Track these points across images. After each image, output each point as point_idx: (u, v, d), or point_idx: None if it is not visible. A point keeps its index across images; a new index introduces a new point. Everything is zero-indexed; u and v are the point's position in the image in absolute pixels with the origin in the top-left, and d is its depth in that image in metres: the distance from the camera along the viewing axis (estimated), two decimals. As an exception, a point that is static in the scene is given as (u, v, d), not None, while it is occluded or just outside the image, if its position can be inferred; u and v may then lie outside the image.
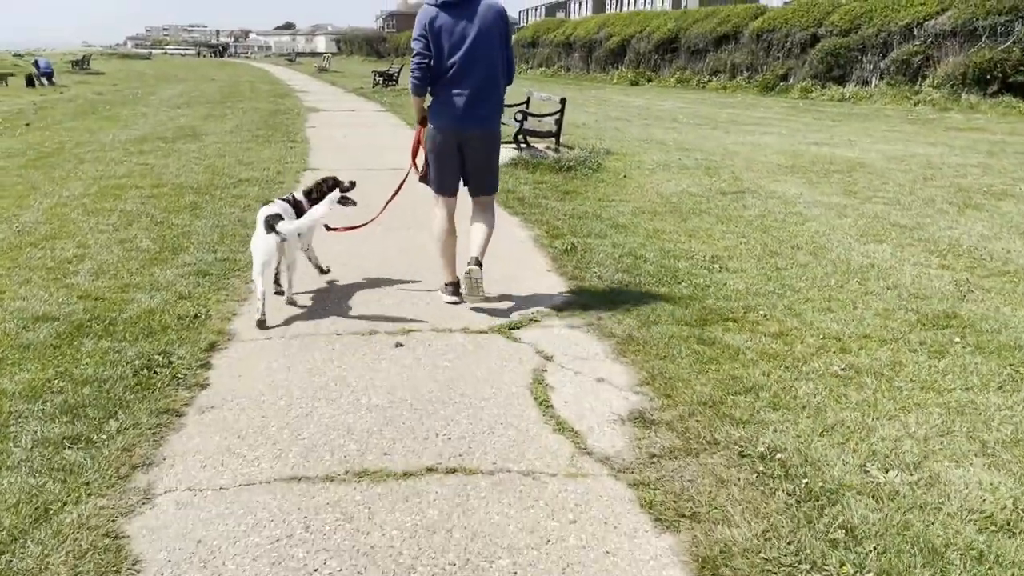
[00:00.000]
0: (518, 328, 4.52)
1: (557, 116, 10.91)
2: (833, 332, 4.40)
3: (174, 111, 18.02)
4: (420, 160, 4.96)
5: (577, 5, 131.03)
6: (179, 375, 3.68)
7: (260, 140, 12.46)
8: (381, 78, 27.54)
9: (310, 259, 5.23)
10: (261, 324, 4.36)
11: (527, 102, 12.77)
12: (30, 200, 7.54)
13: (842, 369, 3.90)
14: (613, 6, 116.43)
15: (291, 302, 4.80)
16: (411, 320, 4.61)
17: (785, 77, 27.03)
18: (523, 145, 11.14)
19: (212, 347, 4.06)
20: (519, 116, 10.80)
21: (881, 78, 23.45)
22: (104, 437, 3.07)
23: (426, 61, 4.52)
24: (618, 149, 11.97)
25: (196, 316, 4.44)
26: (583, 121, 16.56)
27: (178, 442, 3.12)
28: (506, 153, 11.67)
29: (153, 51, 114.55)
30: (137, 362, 3.75)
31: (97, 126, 14.45)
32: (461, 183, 4.94)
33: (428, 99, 4.81)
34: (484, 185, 4.90)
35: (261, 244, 4.39)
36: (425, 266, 5.74)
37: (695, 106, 22.81)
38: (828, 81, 25.01)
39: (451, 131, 4.68)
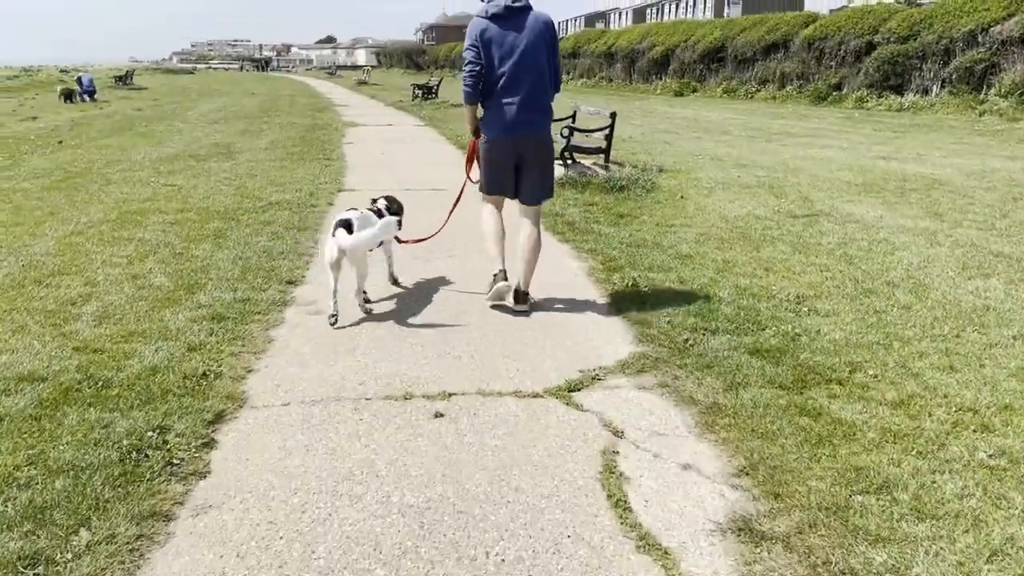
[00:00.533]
0: (578, 389, 3.81)
1: (607, 131, 10.19)
2: (966, 401, 3.61)
3: (210, 127, 17.68)
4: (475, 172, 5.15)
5: (617, 16, 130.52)
6: (174, 460, 3.03)
7: (295, 158, 11.94)
8: (420, 91, 27.09)
9: (389, 266, 5.52)
10: (333, 322, 4.65)
11: (573, 116, 12.08)
12: (45, 227, 7.04)
13: (990, 456, 3.12)
14: (653, 16, 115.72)
15: (367, 311, 4.89)
16: (453, 377, 3.93)
17: (838, 86, 25.97)
18: (570, 162, 10.44)
19: (219, 417, 3.42)
20: (566, 132, 10.11)
21: (943, 87, 22.31)
22: (69, 556, 2.43)
23: (478, 69, 4.65)
24: (671, 165, 11.21)
25: (204, 375, 3.81)
26: (629, 134, 15.81)
27: (161, 563, 2.46)
28: (557, 173, 11.02)
29: (198, 66, 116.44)
30: (126, 442, 3.11)
31: (131, 143, 14.09)
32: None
33: (480, 111, 4.91)
34: (537, 194, 5.01)
35: (326, 248, 4.75)
36: (469, 302, 5.06)
37: (745, 117, 21.91)
38: (885, 90, 23.91)
39: (504, 139, 4.80)
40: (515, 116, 4.70)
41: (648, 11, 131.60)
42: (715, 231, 7.21)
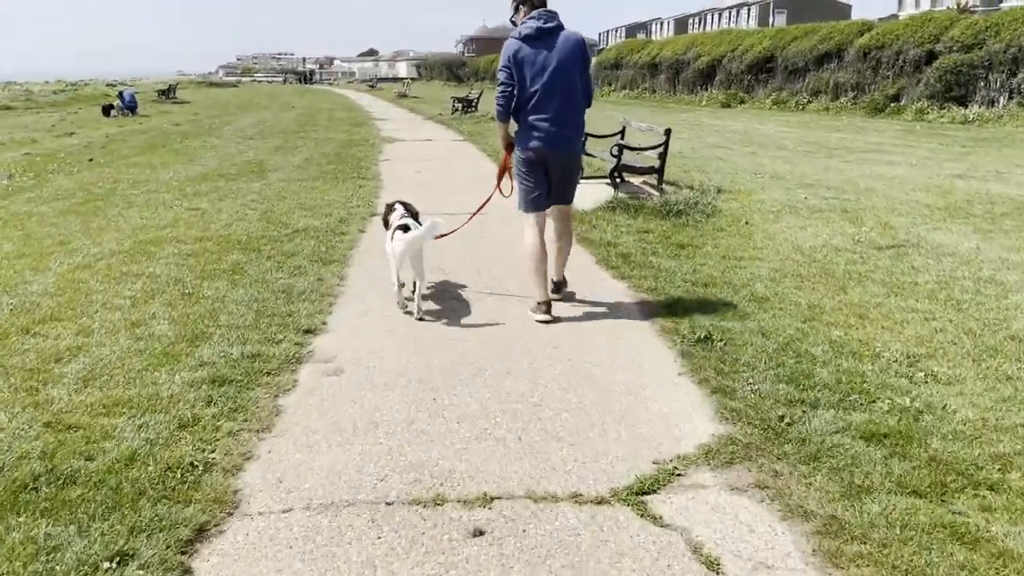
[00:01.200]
0: (654, 491, 3.03)
1: (660, 149, 9.40)
2: None
3: (245, 143, 17.24)
4: (505, 185, 5.44)
5: (658, 26, 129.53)
6: (130, 609, 2.30)
7: (328, 177, 11.33)
8: (460, 104, 26.51)
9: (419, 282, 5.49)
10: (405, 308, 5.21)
11: (622, 132, 11.30)
12: (51, 260, 6.45)
13: None
14: (696, 26, 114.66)
15: (420, 318, 5.11)
16: (496, 470, 3.17)
17: (896, 97, 24.80)
18: (619, 181, 9.66)
19: (200, 533, 2.70)
20: (615, 150, 9.33)
21: (1011, 98, 21.08)
22: None
23: (509, 89, 4.86)
24: (729, 185, 10.36)
25: (192, 467, 3.09)
26: (678, 149, 14.96)
27: None
28: (601, 192, 10.21)
29: (242, 79, 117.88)
30: (72, 578, 2.40)
31: (161, 161, 13.64)
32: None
33: (514, 126, 5.10)
34: (566, 196, 5.25)
35: (389, 247, 5.21)
36: (512, 350, 4.30)
37: (799, 130, 20.90)
38: (947, 102, 22.71)
39: (537, 154, 4.96)
40: (547, 133, 4.88)
41: (690, 21, 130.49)
42: (791, 266, 6.36)
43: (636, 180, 10.35)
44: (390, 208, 5.64)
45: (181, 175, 11.70)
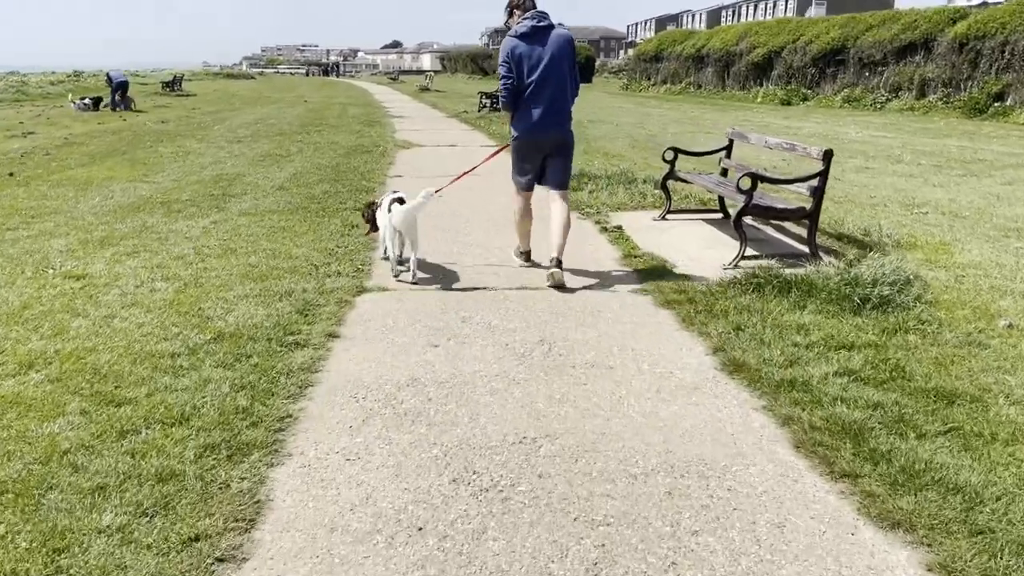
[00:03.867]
0: None
1: (815, 182, 5.97)
2: None
3: (229, 148, 14.01)
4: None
5: (690, 17, 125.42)
6: None
7: (310, 210, 8.02)
8: (488, 100, 23.14)
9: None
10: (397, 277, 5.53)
11: (729, 149, 7.90)
12: None
13: None
14: (730, 18, 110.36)
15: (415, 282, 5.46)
16: None
17: (1000, 96, 21.10)
18: (747, 226, 6.26)
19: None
20: (747, 182, 5.91)
21: None
22: None
23: (511, 82, 5.45)
24: (896, 231, 6.95)
25: None
26: (768, 161, 11.53)
27: None
28: (707, 239, 6.83)
29: (266, 70, 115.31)
30: None
31: (105, 176, 10.43)
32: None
33: None
34: (561, 180, 5.68)
35: (386, 219, 5.58)
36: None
37: (894, 135, 17.36)
38: (1071, 101, 19.02)
39: (531, 137, 5.57)
40: (541, 119, 5.45)
41: (723, 12, 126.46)
42: None
43: (761, 224, 7.00)
44: (370, 204, 6.24)
45: (111, 202, 8.47)
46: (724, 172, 7.88)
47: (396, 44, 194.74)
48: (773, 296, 4.98)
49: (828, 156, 5.85)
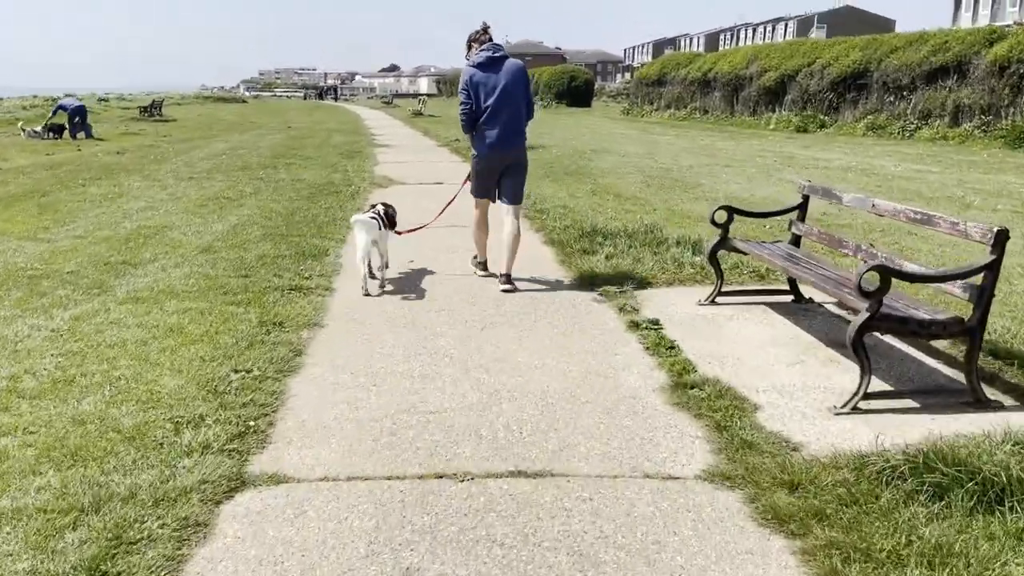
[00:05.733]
0: None
1: (980, 279, 3.82)
2: None
3: (174, 187, 11.88)
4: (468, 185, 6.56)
5: (687, 41, 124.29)
6: None
7: (226, 294, 5.79)
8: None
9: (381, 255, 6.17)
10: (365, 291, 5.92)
11: (802, 206, 5.76)
12: None
13: None
14: (728, 42, 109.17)
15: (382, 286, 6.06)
16: None
17: (1048, 124, 19.07)
18: (861, 344, 4.06)
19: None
20: (873, 277, 3.75)
21: None
22: None
23: (469, 106, 5.98)
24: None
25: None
26: (861, 229, 9.43)
27: None
28: (815, 369, 4.51)
29: (261, 94, 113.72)
30: None
31: (-5, 230, 8.28)
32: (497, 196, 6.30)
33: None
34: (516, 195, 6.18)
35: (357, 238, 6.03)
36: None
37: (939, 168, 15.29)
38: None
39: (488, 156, 6.09)
40: (497, 140, 5.98)
41: (722, 36, 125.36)
42: None
43: (899, 342, 4.85)
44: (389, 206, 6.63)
45: (-33, 274, 6.30)
46: (796, 240, 5.74)
47: (394, 68, 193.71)
48: (968, 506, 2.78)
49: (1001, 240, 3.69)
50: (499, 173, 6.13)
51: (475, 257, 6.60)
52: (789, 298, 5.73)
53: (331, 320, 5.24)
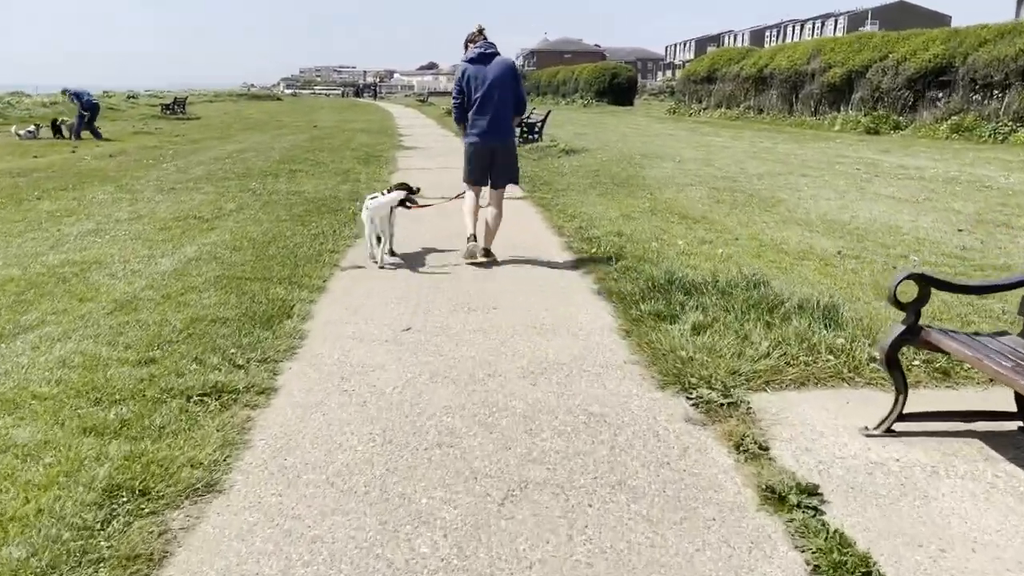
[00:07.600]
0: None
1: None
2: None
3: (146, 201, 9.86)
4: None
5: (731, 38, 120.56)
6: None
7: (107, 403, 3.71)
8: (520, 129, 18.86)
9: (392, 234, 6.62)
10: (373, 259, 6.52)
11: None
12: None
13: None
14: (775, 38, 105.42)
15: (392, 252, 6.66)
16: None
17: None
18: None
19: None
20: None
21: None
22: None
23: (460, 99, 6.57)
24: None
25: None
26: (952, 242, 7.06)
27: None
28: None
29: (301, 91, 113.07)
30: None
31: None
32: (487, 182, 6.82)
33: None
34: (503, 179, 6.73)
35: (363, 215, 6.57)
36: None
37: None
38: None
39: (477, 144, 6.61)
40: (486, 129, 6.51)
41: (767, 33, 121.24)
42: None
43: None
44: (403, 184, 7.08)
45: None
46: (1031, 330, 3.45)
47: (432, 65, 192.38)
48: None
49: None
50: (488, 160, 6.63)
51: (468, 236, 6.81)
52: (1015, 424, 3.43)
53: (240, 474, 3.07)
